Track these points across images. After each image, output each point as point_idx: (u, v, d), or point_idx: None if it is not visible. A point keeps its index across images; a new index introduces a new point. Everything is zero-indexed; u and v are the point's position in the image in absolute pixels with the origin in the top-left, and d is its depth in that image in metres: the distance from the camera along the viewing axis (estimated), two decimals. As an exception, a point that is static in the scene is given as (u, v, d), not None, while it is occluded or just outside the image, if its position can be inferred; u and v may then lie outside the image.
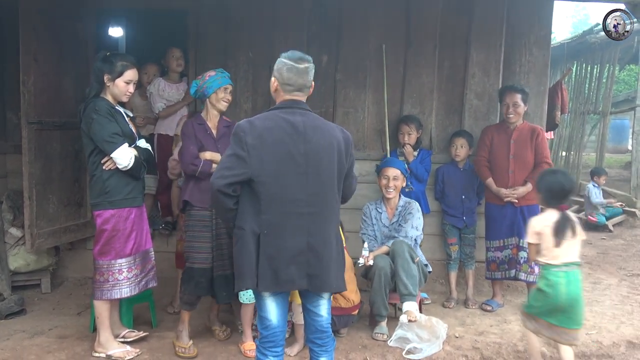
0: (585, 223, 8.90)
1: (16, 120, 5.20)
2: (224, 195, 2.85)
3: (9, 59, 5.26)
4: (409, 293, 4.16)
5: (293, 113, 2.93)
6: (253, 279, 2.85)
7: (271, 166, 2.84)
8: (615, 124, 17.96)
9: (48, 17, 4.62)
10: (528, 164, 4.80)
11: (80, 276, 5.45)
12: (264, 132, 2.85)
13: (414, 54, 5.43)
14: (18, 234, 5.06)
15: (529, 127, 4.89)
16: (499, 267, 4.92)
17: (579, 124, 12.03)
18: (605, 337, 4.29)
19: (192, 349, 3.93)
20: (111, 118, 3.70)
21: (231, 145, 2.90)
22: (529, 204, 4.75)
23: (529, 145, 4.80)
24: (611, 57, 11.25)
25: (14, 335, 4.19)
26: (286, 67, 2.95)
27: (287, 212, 2.84)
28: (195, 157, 3.93)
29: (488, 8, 5.35)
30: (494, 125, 5.10)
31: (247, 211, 2.89)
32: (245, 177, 2.84)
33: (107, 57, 3.78)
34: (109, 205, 3.75)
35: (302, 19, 5.39)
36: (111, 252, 3.77)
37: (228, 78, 4.03)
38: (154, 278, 4.02)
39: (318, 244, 2.90)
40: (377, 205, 4.64)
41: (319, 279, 2.91)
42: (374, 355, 3.98)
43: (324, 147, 2.92)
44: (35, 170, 4.60)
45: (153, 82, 5.35)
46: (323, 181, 2.92)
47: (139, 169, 3.82)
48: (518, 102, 4.78)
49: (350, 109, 5.49)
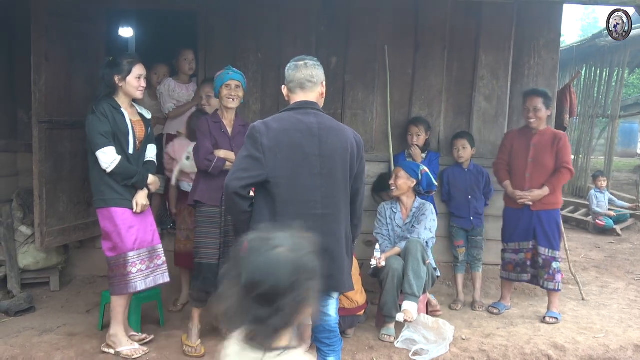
0: (593, 227, 8.89)
1: (27, 120, 5.24)
2: (239, 197, 2.84)
3: (20, 59, 5.30)
4: (412, 293, 4.16)
5: (306, 114, 2.94)
6: None
7: (287, 168, 2.84)
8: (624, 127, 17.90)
9: (59, 18, 4.66)
10: (546, 169, 4.71)
11: (89, 274, 5.48)
12: (279, 133, 2.85)
13: (422, 56, 5.44)
14: (28, 232, 5.11)
15: (551, 132, 4.81)
16: (515, 269, 4.87)
17: (587, 128, 11.98)
18: (612, 341, 4.28)
19: (200, 348, 3.96)
20: (103, 118, 3.73)
21: (246, 147, 2.89)
22: (546, 209, 4.71)
23: (549, 150, 4.70)
24: (620, 60, 11.20)
25: (23, 333, 4.22)
26: (289, 69, 3.02)
27: (301, 213, 2.83)
28: (209, 152, 3.95)
29: (497, 11, 5.34)
30: (517, 129, 5.04)
31: (263, 213, 2.87)
32: (261, 178, 2.83)
33: (112, 61, 3.85)
34: (103, 204, 3.81)
35: (311, 20, 5.40)
36: (115, 248, 3.82)
37: (234, 74, 4.00)
38: (165, 274, 4.01)
39: (332, 244, 2.91)
40: (393, 205, 4.62)
41: (334, 279, 2.92)
42: (380, 356, 3.99)
43: (338, 149, 2.94)
44: (45, 169, 4.65)
45: (163, 82, 5.37)
46: (336, 183, 2.94)
47: (123, 177, 3.78)
48: (539, 107, 4.68)
49: (359, 110, 5.50)
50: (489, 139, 5.49)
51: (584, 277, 6.05)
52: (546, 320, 4.66)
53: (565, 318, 4.76)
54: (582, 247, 7.79)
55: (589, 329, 4.53)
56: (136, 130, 3.90)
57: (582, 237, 8.51)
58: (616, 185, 11.72)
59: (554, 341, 4.22)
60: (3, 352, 3.85)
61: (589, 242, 8.21)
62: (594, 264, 6.83)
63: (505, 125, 5.47)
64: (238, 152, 3.97)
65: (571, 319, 4.77)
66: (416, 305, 4.17)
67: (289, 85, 3.01)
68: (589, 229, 8.97)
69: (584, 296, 5.34)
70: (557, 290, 4.74)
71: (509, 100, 5.46)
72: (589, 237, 8.61)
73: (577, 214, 9.47)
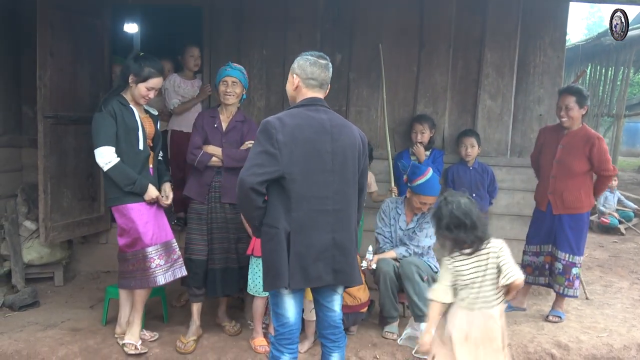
0: (597, 225, 8.87)
1: (32, 115, 5.26)
2: (255, 193, 2.82)
3: (25, 54, 5.32)
4: (424, 314, 4.03)
5: (317, 110, 2.96)
6: (287, 278, 2.85)
7: (300, 164, 2.85)
8: (629, 126, 17.88)
9: (64, 13, 4.66)
10: (573, 172, 4.53)
11: (93, 270, 5.50)
12: (294, 129, 2.85)
13: (427, 54, 5.42)
14: (32, 227, 5.12)
15: (584, 133, 4.57)
16: (533, 272, 4.78)
17: (592, 126, 11.85)
18: (616, 340, 4.27)
19: (190, 345, 3.95)
20: (109, 117, 3.71)
21: (260, 142, 2.85)
22: (569, 213, 4.57)
23: (579, 152, 4.51)
24: (626, 59, 11.17)
25: (27, 327, 4.24)
26: (309, 62, 2.99)
27: (314, 209, 2.86)
28: (196, 147, 4.01)
29: (502, 9, 5.32)
30: (551, 126, 4.89)
31: (278, 209, 2.87)
32: (277, 174, 2.82)
33: (139, 57, 3.82)
34: (118, 201, 3.79)
35: (316, 17, 5.39)
36: (134, 244, 3.81)
37: (231, 70, 4.01)
38: (182, 268, 3.98)
39: (342, 239, 2.95)
40: (398, 206, 4.50)
41: (345, 273, 2.96)
42: (383, 354, 3.99)
43: (349, 145, 2.97)
44: (50, 164, 4.65)
45: (168, 78, 5.36)
46: (346, 179, 2.97)
47: (121, 180, 3.73)
48: (570, 105, 4.50)
49: (364, 107, 5.49)
50: (493, 137, 5.48)
51: (588, 276, 6.03)
52: (550, 319, 4.64)
53: (569, 317, 4.75)
54: (586, 246, 7.67)
55: (592, 328, 4.52)
56: (145, 127, 3.88)
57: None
58: (621, 185, 11.65)
59: (557, 340, 4.21)
60: (7, 347, 3.87)
61: (593, 241, 8.18)
62: (598, 263, 6.81)
63: (510, 123, 5.45)
64: (229, 148, 4.00)
65: (575, 318, 4.76)
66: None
67: (307, 82, 2.99)
68: (593, 228, 8.95)
69: (587, 295, 5.33)
70: (575, 297, 4.70)
71: (514, 98, 5.45)
72: (593, 236, 8.57)
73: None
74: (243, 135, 4.10)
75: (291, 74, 3.04)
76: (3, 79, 5.33)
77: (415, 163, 4.77)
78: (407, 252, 4.33)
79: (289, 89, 3.08)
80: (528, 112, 5.47)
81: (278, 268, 2.86)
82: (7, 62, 5.37)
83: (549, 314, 4.69)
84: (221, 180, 4.05)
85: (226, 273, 4.10)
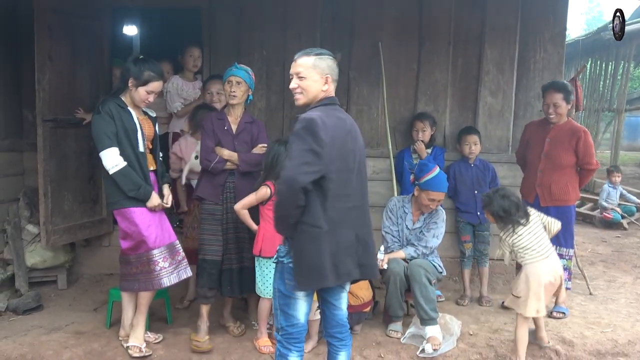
0: (600, 220, 8.86)
1: (32, 119, 5.24)
2: (304, 192, 2.77)
3: (25, 58, 5.31)
4: (430, 318, 4.05)
5: (337, 109, 3.02)
6: (329, 277, 2.86)
7: (336, 163, 2.86)
8: (630, 121, 17.85)
9: (63, 16, 4.66)
10: (560, 166, 4.61)
11: (96, 273, 5.50)
12: (333, 129, 2.86)
13: (427, 51, 5.41)
14: (35, 230, 5.12)
15: (570, 127, 4.64)
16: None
17: (593, 122, 11.96)
18: (620, 335, 4.26)
19: (207, 343, 3.96)
20: (108, 118, 3.70)
21: (304, 140, 2.78)
22: (556, 205, 4.61)
23: (565, 146, 4.59)
24: (626, 53, 11.17)
25: (31, 331, 4.23)
26: (334, 62, 3.05)
27: (344, 207, 2.92)
28: (210, 152, 3.97)
29: (502, 5, 5.32)
30: (537, 121, 4.95)
31: (318, 208, 2.85)
32: (322, 173, 2.80)
33: (138, 60, 3.80)
34: (120, 205, 3.78)
35: (315, 16, 5.38)
36: (138, 247, 3.81)
37: (236, 70, 4.01)
38: (187, 269, 3.99)
39: (364, 235, 3.02)
40: (405, 204, 4.48)
41: (369, 267, 3.04)
42: (388, 352, 3.99)
43: (363, 144, 3.09)
44: (50, 168, 4.65)
45: (170, 80, 5.30)
46: (363, 176, 3.07)
47: (127, 184, 3.71)
48: (558, 103, 4.57)
49: (364, 106, 5.48)
50: (495, 134, 5.48)
51: (591, 272, 6.03)
52: (553, 315, 4.63)
53: (573, 313, 4.74)
54: (589, 242, 7.77)
55: (596, 323, 4.51)
56: (144, 129, 3.88)
57: (588, 232, 8.49)
58: (623, 180, 11.56)
59: (561, 336, 4.21)
60: (12, 351, 3.87)
61: (595, 236, 8.18)
62: (601, 258, 6.81)
63: (511, 120, 5.45)
64: (243, 153, 4.00)
65: (579, 313, 4.75)
66: (438, 327, 4.09)
67: (335, 82, 3.05)
68: (595, 223, 8.95)
69: (591, 291, 5.32)
70: (568, 288, 4.71)
71: (514, 94, 5.44)
72: (595, 231, 8.58)
73: (583, 209, 9.43)
74: (253, 136, 4.12)
75: (320, 74, 2.95)
76: (3, 83, 5.32)
77: (422, 161, 4.77)
78: (416, 253, 4.32)
79: (315, 88, 2.97)
80: (529, 109, 5.47)
81: (321, 268, 2.84)
82: (7, 66, 5.36)
83: (552, 310, 4.68)
84: (235, 181, 4.06)
85: (242, 272, 4.11)
